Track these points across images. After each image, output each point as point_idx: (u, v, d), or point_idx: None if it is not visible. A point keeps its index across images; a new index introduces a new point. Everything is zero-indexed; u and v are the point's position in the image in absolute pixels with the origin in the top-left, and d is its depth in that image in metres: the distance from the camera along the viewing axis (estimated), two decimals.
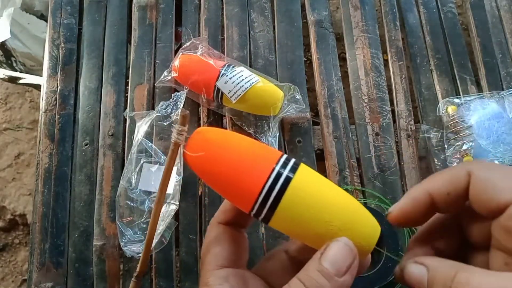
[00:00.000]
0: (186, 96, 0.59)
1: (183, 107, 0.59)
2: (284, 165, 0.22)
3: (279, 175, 0.21)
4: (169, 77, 0.60)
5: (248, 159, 0.22)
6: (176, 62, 0.59)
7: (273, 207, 0.21)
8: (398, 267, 0.22)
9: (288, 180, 0.21)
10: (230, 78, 0.55)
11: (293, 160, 0.22)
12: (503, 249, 0.20)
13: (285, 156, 0.23)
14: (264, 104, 0.56)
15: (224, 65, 0.57)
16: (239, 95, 0.55)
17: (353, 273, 0.20)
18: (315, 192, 0.21)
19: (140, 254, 0.53)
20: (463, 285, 0.18)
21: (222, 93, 0.55)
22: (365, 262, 0.23)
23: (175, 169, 0.56)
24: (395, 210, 0.23)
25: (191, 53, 0.60)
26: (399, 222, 0.23)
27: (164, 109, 0.59)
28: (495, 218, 0.20)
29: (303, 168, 0.22)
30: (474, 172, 0.21)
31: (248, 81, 0.55)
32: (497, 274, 0.19)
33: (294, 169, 0.22)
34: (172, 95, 0.60)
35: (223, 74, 0.55)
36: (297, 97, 0.58)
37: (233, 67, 0.57)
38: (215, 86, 0.56)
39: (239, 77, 0.55)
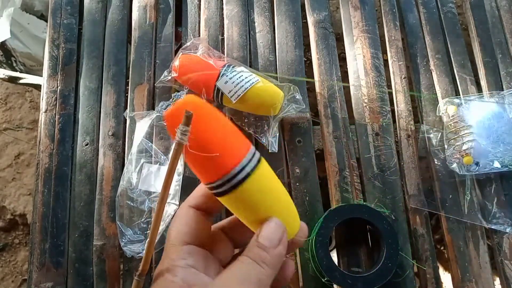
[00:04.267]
0: None
1: None
2: (252, 156, 0.26)
3: (247, 162, 0.25)
4: (169, 77, 0.60)
5: (230, 137, 0.25)
6: (176, 62, 0.59)
7: (233, 187, 0.25)
8: None
9: (253, 169, 0.25)
10: (230, 78, 0.55)
11: (258, 154, 0.27)
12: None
13: (253, 147, 0.27)
14: (264, 104, 0.56)
15: (224, 65, 0.57)
16: (239, 95, 0.55)
17: (284, 244, 0.26)
18: (267, 184, 0.26)
19: (141, 254, 0.53)
20: None
21: (222, 93, 0.55)
22: (297, 241, 0.29)
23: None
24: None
25: (191, 53, 0.60)
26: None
27: (164, 109, 0.59)
28: None
29: (263, 162, 0.27)
30: None
31: (248, 81, 0.55)
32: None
33: (258, 161, 0.26)
34: (172, 95, 0.60)
35: (223, 74, 0.55)
36: (297, 97, 0.58)
37: (233, 67, 0.57)
38: (215, 86, 0.55)
39: (239, 77, 0.55)
